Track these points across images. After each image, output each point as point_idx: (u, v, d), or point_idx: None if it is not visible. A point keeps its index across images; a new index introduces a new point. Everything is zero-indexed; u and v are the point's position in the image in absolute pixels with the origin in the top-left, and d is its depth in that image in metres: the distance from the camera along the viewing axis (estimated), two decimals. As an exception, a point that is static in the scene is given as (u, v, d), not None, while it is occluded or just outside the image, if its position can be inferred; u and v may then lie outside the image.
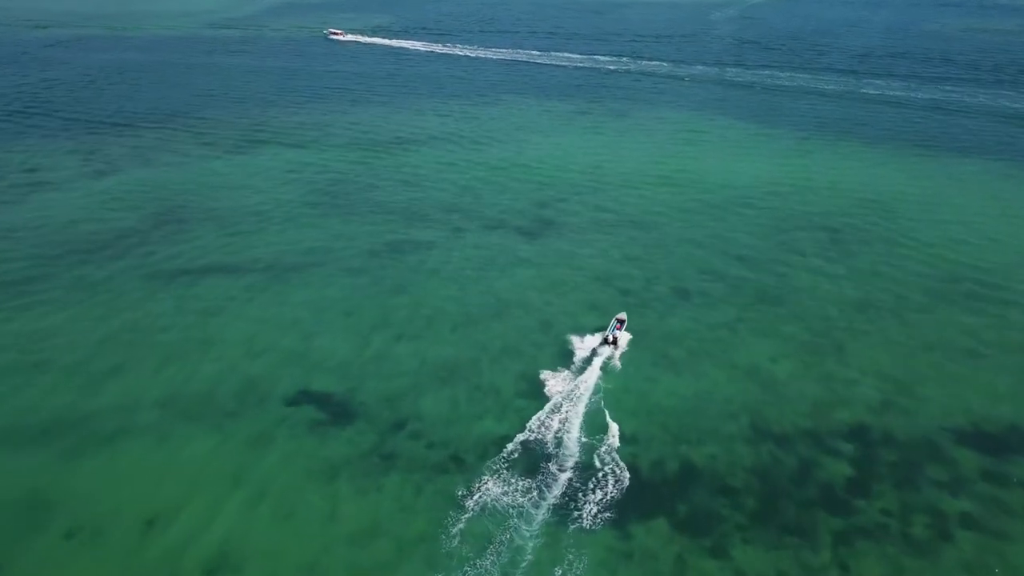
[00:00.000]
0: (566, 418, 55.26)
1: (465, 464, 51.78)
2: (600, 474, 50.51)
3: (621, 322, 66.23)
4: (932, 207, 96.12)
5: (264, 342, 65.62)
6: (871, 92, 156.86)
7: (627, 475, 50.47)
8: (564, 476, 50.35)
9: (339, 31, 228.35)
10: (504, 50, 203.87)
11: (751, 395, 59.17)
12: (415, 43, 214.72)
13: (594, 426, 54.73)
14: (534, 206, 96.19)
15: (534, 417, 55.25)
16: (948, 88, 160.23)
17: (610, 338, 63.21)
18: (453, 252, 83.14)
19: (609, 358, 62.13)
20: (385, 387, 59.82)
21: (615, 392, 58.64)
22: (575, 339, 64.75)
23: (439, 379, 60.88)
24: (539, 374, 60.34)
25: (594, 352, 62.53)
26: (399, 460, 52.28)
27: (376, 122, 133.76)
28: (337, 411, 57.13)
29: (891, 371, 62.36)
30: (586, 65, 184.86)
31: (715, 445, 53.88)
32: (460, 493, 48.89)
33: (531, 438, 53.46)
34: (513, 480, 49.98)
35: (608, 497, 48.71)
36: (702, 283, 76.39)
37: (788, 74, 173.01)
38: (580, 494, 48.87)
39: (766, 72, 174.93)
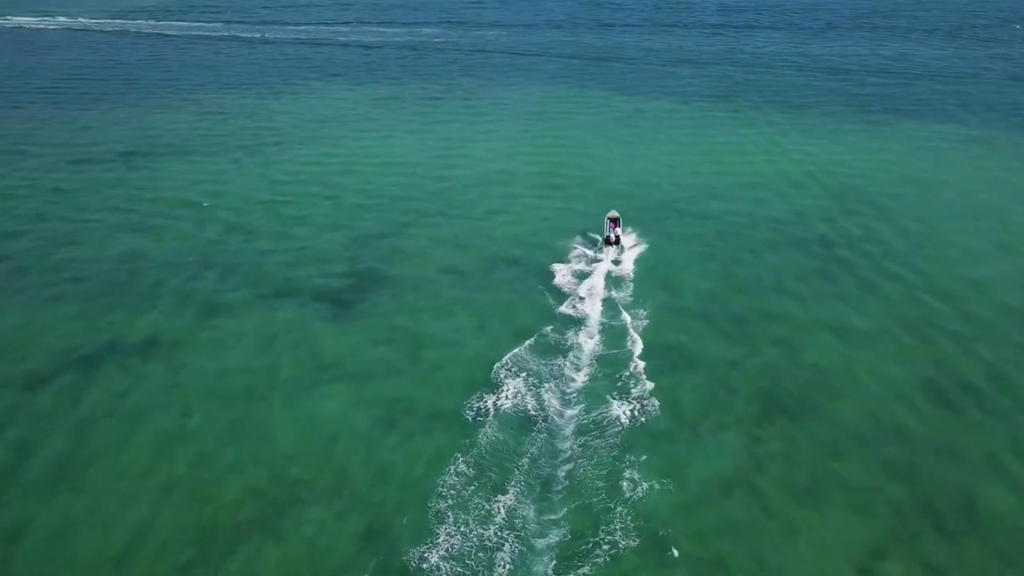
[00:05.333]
0: None
1: None
2: None
3: (614, 220, 57.13)
4: (929, 193, 66.78)
5: None
6: (764, 50, 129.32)
7: None
8: None
9: None
10: (307, 27, 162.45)
11: None
12: (188, 23, 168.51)
13: None
14: (348, 246, 58.48)
15: None
16: (843, 41, 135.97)
17: (611, 238, 56.20)
18: (195, 360, 44.23)
19: (616, 261, 54.25)
20: None
21: None
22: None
23: None
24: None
25: (595, 258, 54.81)
26: None
27: (103, 126, 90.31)
28: None
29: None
30: (410, 39, 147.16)
31: None
32: None
33: None
34: None
35: None
36: (661, 372, 42.00)
37: (655, 37, 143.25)
38: None
39: (630, 36, 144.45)
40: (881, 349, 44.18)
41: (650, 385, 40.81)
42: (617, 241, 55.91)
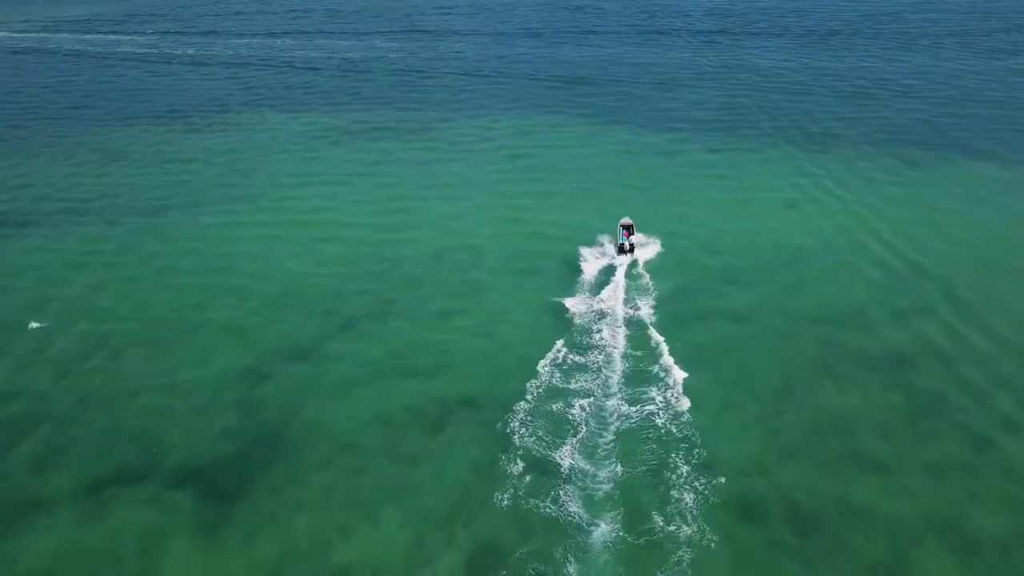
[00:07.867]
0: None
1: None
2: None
3: (627, 227, 53.49)
4: (1018, 272, 51.25)
5: None
6: (767, 64, 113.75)
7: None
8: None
9: None
10: (251, 40, 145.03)
11: None
12: (118, 38, 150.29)
13: None
14: (240, 380, 41.77)
15: None
16: (852, 52, 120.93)
17: (626, 246, 52.97)
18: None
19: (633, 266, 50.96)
20: None
21: None
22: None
23: None
24: None
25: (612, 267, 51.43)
26: None
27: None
28: None
29: None
30: (364, 55, 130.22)
31: None
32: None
33: None
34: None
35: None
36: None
37: (643, 49, 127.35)
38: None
39: (615, 48, 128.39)
40: (1037, 587, 28.50)
41: None
42: (631, 249, 53.11)
